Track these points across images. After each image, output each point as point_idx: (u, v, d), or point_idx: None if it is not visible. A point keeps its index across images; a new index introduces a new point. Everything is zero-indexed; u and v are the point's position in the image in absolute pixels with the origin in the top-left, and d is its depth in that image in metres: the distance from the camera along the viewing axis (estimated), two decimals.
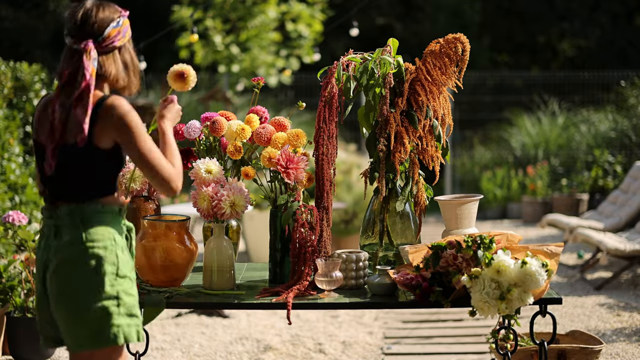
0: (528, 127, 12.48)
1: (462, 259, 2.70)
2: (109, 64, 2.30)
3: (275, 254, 3.04)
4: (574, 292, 6.15)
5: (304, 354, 4.70)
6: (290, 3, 11.31)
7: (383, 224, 3.14)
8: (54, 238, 2.29)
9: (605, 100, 12.84)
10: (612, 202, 7.71)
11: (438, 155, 3.14)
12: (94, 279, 2.24)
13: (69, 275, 2.25)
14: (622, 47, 18.34)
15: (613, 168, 10.61)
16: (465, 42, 3.03)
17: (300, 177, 2.97)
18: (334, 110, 3.00)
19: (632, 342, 4.67)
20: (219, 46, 10.82)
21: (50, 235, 2.31)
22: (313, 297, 2.83)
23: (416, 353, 4.67)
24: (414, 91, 3.08)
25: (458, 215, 3.06)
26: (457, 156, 12.93)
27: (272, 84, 10.97)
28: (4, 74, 7.50)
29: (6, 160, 7.13)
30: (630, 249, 6.05)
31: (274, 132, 3.07)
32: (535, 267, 2.59)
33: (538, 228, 9.62)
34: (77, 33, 2.26)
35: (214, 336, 5.08)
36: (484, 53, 18.60)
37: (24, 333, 4.19)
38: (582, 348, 3.48)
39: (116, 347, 2.29)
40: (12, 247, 6.24)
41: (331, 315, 5.65)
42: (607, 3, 18.42)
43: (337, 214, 7.76)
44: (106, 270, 2.25)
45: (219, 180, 2.94)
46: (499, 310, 2.59)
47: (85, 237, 2.26)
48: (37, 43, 16.84)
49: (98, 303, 2.24)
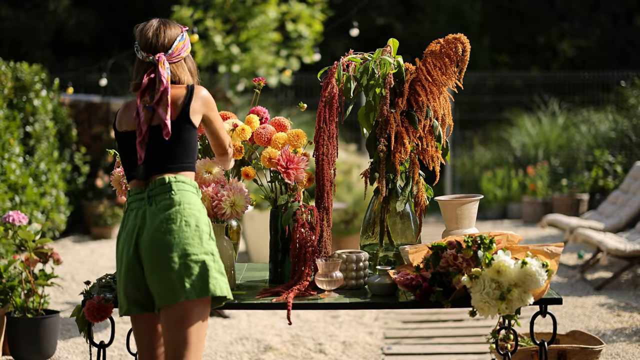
0: (528, 127, 12.48)
1: (462, 259, 2.70)
2: (179, 72, 2.68)
3: (275, 254, 3.04)
4: (574, 292, 6.15)
5: (304, 354, 4.70)
6: (290, 3, 11.31)
7: (383, 224, 3.14)
8: (149, 205, 2.56)
9: (605, 100, 12.84)
10: (612, 202, 7.71)
11: (438, 156, 3.14)
12: (195, 234, 2.52)
13: (171, 232, 2.50)
14: (622, 47, 18.34)
15: (613, 168, 10.61)
16: (465, 43, 3.03)
17: (301, 178, 2.97)
18: (334, 110, 3.00)
19: (632, 342, 4.67)
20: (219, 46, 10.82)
21: (142, 207, 2.57)
22: (313, 297, 2.83)
23: (416, 353, 4.67)
24: (414, 91, 3.08)
25: (458, 216, 3.06)
26: (457, 156, 12.93)
27: (272, 84, 10.97)
28: (4, 74, 7.50)
29: (6, 161, 7.13)
30: (630, 249, 6.05)
31: (274, 133, 3.07)
32: (535, 268, 2.59)
33: (538, 228, 9.62)
34: (150, 48, 2.64)
35: (214, 336, 5.08)
36: (484, 53, 18.60)
37: (24, 333, 4.19)
38: (582, 348, 3.48)
39: (209, 300, 2.54)
40: (12, 247, 6.24)
41: (331, 316, 5.65)
42: (607, 3, 18.42)
43: (337, 214, 7.76)
44: (203, 229, 2.55)
45: (219, 181, 2.94)
46: (499, 311, 2.59)
47: (182, 200, 2.55)
48: (37, 43, 16.84)
49: (200, 256, 2.50)
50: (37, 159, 7.93)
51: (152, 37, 2.65)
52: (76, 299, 5.87)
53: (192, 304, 2.49)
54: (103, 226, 9.21)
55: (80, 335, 4.85)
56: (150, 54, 2.63)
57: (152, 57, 2.62)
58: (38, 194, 7.70)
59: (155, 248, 2.50)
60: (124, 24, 16.76)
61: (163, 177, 2.57)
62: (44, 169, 8.00)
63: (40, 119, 8.09)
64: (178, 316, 2.49)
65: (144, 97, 2.60)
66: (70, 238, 9.13)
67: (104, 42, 17.40)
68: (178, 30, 2.69)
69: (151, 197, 2.57)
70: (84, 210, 9.47)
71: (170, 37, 2.66)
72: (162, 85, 2.59)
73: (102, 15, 17.78)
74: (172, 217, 2.52)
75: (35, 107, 8.01)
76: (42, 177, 7.95)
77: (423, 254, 2.86)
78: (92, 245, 8.79)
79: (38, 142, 8.05)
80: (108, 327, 5.01)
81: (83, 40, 17.54)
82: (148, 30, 2.66)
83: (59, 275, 5.91)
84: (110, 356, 4.48)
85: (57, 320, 4.31)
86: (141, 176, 2.60)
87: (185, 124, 2.60)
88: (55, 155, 8.43)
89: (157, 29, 2.66)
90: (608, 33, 18.39)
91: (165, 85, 2.58)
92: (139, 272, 2.56)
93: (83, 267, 7.33)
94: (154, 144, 2.60)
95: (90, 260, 7.75)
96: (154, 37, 2.65)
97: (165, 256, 2.49)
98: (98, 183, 9.52)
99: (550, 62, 19.43)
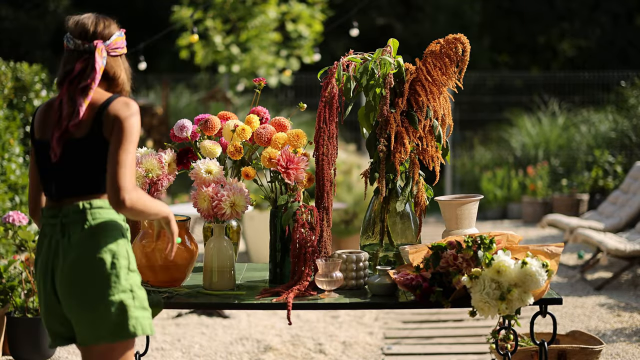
0: (528, 128, 12.48)
1: (462, 259, 2.70)
2: (117, 65, 2.46)
3: (275, 255, 3.04)
4: (574, 292, 6.15)
5: (304, 354, 4.70)
6: (290, 3, 11.31)
7: (383, 224, 3.14)
8: (62, 237, 2.32)
9: (605, 100, 12.84)
10: (612, 203, 7.71)
11: (438, 156, 3.14)
12: (111, 273, 2.29)
13: (84, 271, 2.29)
14: (622, 47, 18.34)
15: (613, 168, 10.61)
16: (465, 43, 3.03)
17: (301, 178, 2.97)
18: (334, 110, 3.00)
19: (632, 343, 4.67)
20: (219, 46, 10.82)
21: (55, 235, 2.34)
22: (313, 297, 2.83)
23: (416, 353, 4.67)
24: (414, 91, 3.08)
25: (458, 216, 3.06)
26: (458, 156, 12.92)
27: (272, 84, 10.97)
28: (4, 74, 7.50)
29: (6, 161, 7.13)
30: (630, 249, 6.05)
31: (274, 133, 3.07)
32: (535, 268, 2.59)
33: (538, 228, 9.62)
34: (87, 36, 2.41)
35: (214, 336, 5.08)
36: (484, 53, 18.60)
37: (24, 333, 4.19)
38: (582, 348, 3.49)
39: (133, 339, 2.35)
40: (12, 247, 6.24)
41: (331, 316, 5.65)
42: (607, 3, 18.42)
43: (337, 214, 7.76)
44: (121, 264, 2.31)
45: (219, 181, 2.94)
46: (499, 311, 2.59)
47: (97, 232, 2.31)
48: (37, 43, 16.84)
49: (116, 296, 2.29)
50: None
51: (91, 25, 2.44)
52: None
53: (112, 346, 2.31)
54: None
55: None
56: (87, 42, 2.40)
57: (89, 44, 2.40)
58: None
59: (69, 288, 2.30)
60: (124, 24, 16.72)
61: (77, 204, 2.32)
62: None
63: None
64: (99, 356, 2.33)
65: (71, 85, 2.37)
66: None
67: None
68: (116, 27, 2.51)
69: (64, 225, 2.32)
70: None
71: (110, 29, 2.47)
72: (94, 72, 2.36)
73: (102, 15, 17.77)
74: (85, 256, 2.29)
75: (35, 107, 8.01)
76: None
77: (423, 254, 2.86)
78: None
79: None
80: None
81: None
82: (86, 18, 2.46)
83: None
84: None
85: None
86: (54, 196, 2.37)
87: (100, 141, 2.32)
88: None
89: (96, 19, 2.47)
90: (608, 33, 18.39)
91: (96, 72, 2.35)
92: (58, 307, 2.36)
93: None
94: (66, 160, 2.34)
95: None
96: (92, 25, 2.44)
97: (79, 298, 2.29)
98: None
99: (550, 62, 19.43)
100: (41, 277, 2.37)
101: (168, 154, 3.10)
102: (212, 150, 3.04)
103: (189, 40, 10.05)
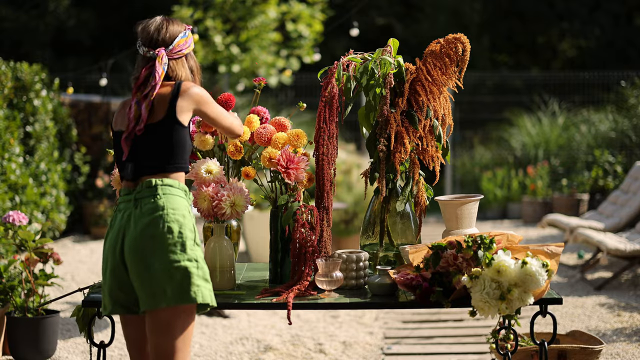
0: (528, 128, 12.48)
1: (462, 259, 2.70)
2: (178, 68, 2.69)
3: (275, 254, 3.04)
4: (574, 292, 6.15)
5: (304, 354, 4.70)
6: (290, 3, 11.31)
7: (383, 224, 3.14)
8: (135, 208, 2.54)
9: (605, 100, 12.83)
10: (612, 203, 7.71)
11: (438, 156, 3.14)
12: (178, 241, 2.50)
13: (153, 237, 2.49)
14: (622, 47, 18.34)
15: (613, 168, 10.61)
16: (465, 42, 3.03)
17: (301, 177, 2.97)
18: (334, 110, 3.00)
19: (632, 342, 4.67)
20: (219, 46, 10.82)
21: (128, 209, 2.56)
22: (313, 297, 2.83)
23: (416, 353, 4.67)
24: (414, 91, 3.08)
25: (458, 216, 3.06)
26: (458, 156, 12.92)
27: (272, 84, 10.97)
28: (4, 74, 7.50)
29: (6, 161, 7.13)
30: (630, 249, 6.05)
31: (274, 133, 3.07)
32: (535, 267, 2.59)
33: (538, 228, 9.62)
34: (151, 43, 2.66)
35: (214, 336, 5.08)
36: (484, 53, 18.60)
37: (24, 333, 4.19)
38: (582, 348, 3.49)
39: (193, 306, 2.53)
40: (12, 247, 6.24)
41: (331, 316, 5.65)
42: (607, 3, 18.42)
43: (337, 214, 7.76)
44: (187, 235, 2.52)
45: (219, 181, 2.94)
46: (499, 311, 2.59)
47: (166, 204, 2.53)
48: (37, 43, 16.84)
49: (182, 263, 2.48)
50: (37, 159, 7.93)
51: (154, 32, 2.67)
52: (76, 299, 5.86)
53: (173, 310, 2.49)
54: (103, 226, 9.21)
55: (81, 335, 4.85)
56: (151, 49, 2.65)
57: (153, 51, 2.64)
58: (38, 194, 7.70)
59: (137, 252, 2.50)
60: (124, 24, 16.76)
61: (150, 180, 2.56)
62: (44, 169, 8.00)
63: (41, 119, 8.09)
64: (160, 322, 2.50)
65: (138, 91, 2.61)
66: (70, 238, 9.13)
67: (104, 42, 17.41)
68: (181, 27, 2.71)
69: (137, 199, 2.55)
70: (84, 210, 9.47)
71: (172, 33, 2.68)
72: (154, 79, 2.59)
73: (102, 15, 17.78)
74: (155, 222, 2.50)
75: (35, 107, 8.01)
76: (42, 177, 7.95)
77: (423, 254, 2.86)
78: (92, 245, 8.78)
79: (38, 142, 8.05)
80: (108, 327, 5.01)
81: (83, 40, 17.54)
82: (150, 25, 2.69)
83: (59, 275, 5.91)
84: (110, 356, 4.48)
85: (57, 320, 4.31)
86: (129, 176, 2.59)
87: (173, 123, 2.58)
88: (55, 155, 8.43)
89: (160, 25, 2.69)
90: (608, 33, 18.39)
91: (157, 80, 2.59)
92: (123, 274, 2.56)
93: (83, 267, 7.33)
94: (144, 143, 2.59)
95: (90, 260, 7.75)
96: (155, 32, 2.67)
97: (147, 261, 2.48)
98: (98, 183, 9.52)
99: (550, 62, 19.43)
100: (111, 246, 2.57)
101: None
102: (204, 140, 3.02)
103: None
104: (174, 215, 2.51)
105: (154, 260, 2.47)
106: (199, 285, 2.50)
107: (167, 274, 2.46)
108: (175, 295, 2.47)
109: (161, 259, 2.47)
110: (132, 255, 2.51)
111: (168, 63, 2.65)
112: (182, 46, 2.69)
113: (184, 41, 2.70)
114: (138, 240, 2.50)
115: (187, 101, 2.61)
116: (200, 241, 2.58)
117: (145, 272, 2.48)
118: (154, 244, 2.48)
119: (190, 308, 2.52)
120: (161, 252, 2.47)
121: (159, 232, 2.48)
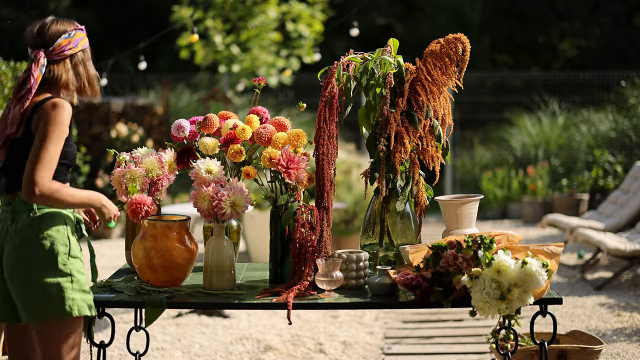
0: (528, 127, 12.48)
1: (462, 259, 2.70)
2: (59, 70, 2.58)
3: (275, 254, 3.04)
4: (574, 292, 6.15)
5: (304, 354, 4.70)
6: (290, 3, 11.31)
7: (383, 224, 3.14)
8: (11, 223, 2.55)
9: (605, 100, 12.84)
10: (612, 202, 7.71)
11: (438, 156, 3.14)
12: (49, 258, 2.51)
13: (25, 255, 2.51)
14: (622, 47, 18.34)
15: (613, 168, 10.61)
16: (465, 42, 3.03)
17: (301, 177, 2.97)
18: (334, 110, 3.00)
19: (632, 342, 4.67)
20: (219, 46, 10.82)
21: (7, 221, 2.57)
22: (313, 297, 2.83)
23: (416, 353, 4.67)
24: (414, 91, 3.08)
25: (458, 216, 3.06)
26: (458, 156, 12.92)
27: (272, 84, 10.97)
28: (4, 74, 7.49)
29: None
30: (630, 249, 6.05)
31: (274, 132, 3.07)
32: (535, 267, 2.59)
33: (538, 228, 9.62)
34: (33, 44, 2.58)
35: (214, 336, 5.08)
36: (484, 53, 18.60)
37: None
38: (582, 348, 3.49)
39: (73, 319, 2.54)
40: None
41: (331, 315, 5.65)
42: (607, 3, 18.42)
43: (337, 214, 7.77)
44: (59, 250, 2.53)
45: (219, 180, 2.94)
46: (499, 311, 2.59)
47: (41, 220, 2.53)
48: None
49: (54, 278, 2.51)
50: None
51: (37, 33, 2.58)
52: None
53: (50, 325, 2.51)
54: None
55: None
56: (33, 50, 2.57)
57: (32, 53, 2.57)
58: None
59: (13, 268, 2.52)
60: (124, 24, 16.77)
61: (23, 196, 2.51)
62: None
63: None
64: (41, 334, 2.53)
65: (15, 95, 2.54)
66: None
67: (104, 42, 17.41)
68: (67, 27, 2.61)
69: (15, 212, 2.55)
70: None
71: (54, 33, 2.58)
72: (28, 83, 2.51)
73: (102, 15, 17.79)
74: (28, 240, 2.51)
75: None
76: None
77: (423, 254, 2.86)
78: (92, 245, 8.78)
79: None
80: (108, 327, 5.01)
81: None
82: (36, 26, 2.60)
83: None
84: (110, 356, 4.48)
85: None
86: (2, 189, 2.58)
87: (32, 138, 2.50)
88: None
89: (44, 25, 2.60)
90: (608, 33, 18.39)
91: (31, 83, 2.51)
92: (3, 286, 2.58)
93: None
94: (12, 157, 2.55)
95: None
96: (37, 33, 2.58)
97: (21, 277, 2.50)
98: (98, 183, 9.52)
99: (550, 62, 19.43)
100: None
101: (168, 153, 3.10)
102: (212, 146, 3.03)
103: (189, 40, 10.04)
104: (47, 231, 2.52)
105: (29, 277, 2.49)
106: (74, 298, 2.51)
107: (40, 290, 2.49)
108: (50, 311, 2.49)
109: (33, 275, 2.49)
110: (8, 270, 2.53)
111: (47, 65, 2.56)
112: (65, 47, 2.57)
113: (68, 42, 2.58)
114: (13, 255, 2.52)
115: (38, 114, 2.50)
116: (80, 252, 2.60)
117: (21, 287, 2.51)
118: (28, 261, 2.50)
119: (71, 320, 2.53)
120: (33, 268, 2.49)
121: (31, 249, 2.50)
